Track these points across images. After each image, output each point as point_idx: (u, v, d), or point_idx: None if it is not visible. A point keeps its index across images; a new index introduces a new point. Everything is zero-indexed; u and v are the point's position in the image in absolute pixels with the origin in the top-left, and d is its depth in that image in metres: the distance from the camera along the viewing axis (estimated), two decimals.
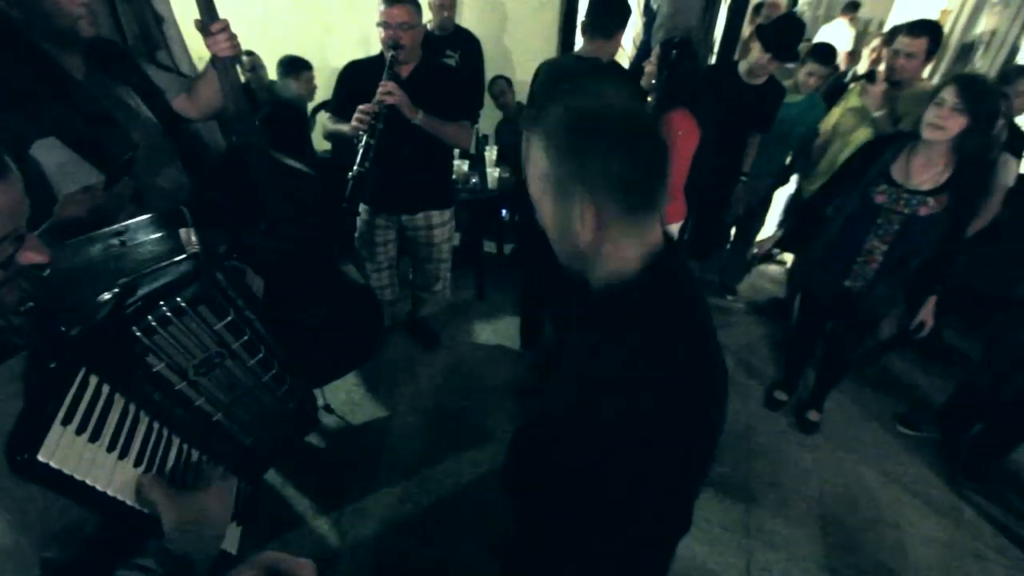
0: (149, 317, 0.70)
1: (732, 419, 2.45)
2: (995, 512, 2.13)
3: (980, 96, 1.59)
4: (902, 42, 2.21)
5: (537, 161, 0.70)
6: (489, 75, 3.26)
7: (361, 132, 1.79)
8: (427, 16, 3.05)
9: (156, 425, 0.77)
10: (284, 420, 1.05)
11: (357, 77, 1.98)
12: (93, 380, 0.67)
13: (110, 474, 0.67)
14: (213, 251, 0.84)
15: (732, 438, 2.36)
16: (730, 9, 2.62)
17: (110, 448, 0.68)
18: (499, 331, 2.92)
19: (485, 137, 3.24)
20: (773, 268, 3.72)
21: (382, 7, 1.80)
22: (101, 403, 0.68)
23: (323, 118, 3.28)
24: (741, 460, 2.27)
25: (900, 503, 2.14)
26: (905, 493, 2.18)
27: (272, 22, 3.62)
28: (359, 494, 2.01)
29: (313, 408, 1.18)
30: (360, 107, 1.80)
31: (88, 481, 0.63)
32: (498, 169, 2.89)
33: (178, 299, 0.72)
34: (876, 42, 2.81)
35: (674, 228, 2.36)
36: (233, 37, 1.30)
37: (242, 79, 3.24)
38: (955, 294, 2.06)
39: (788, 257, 3.20)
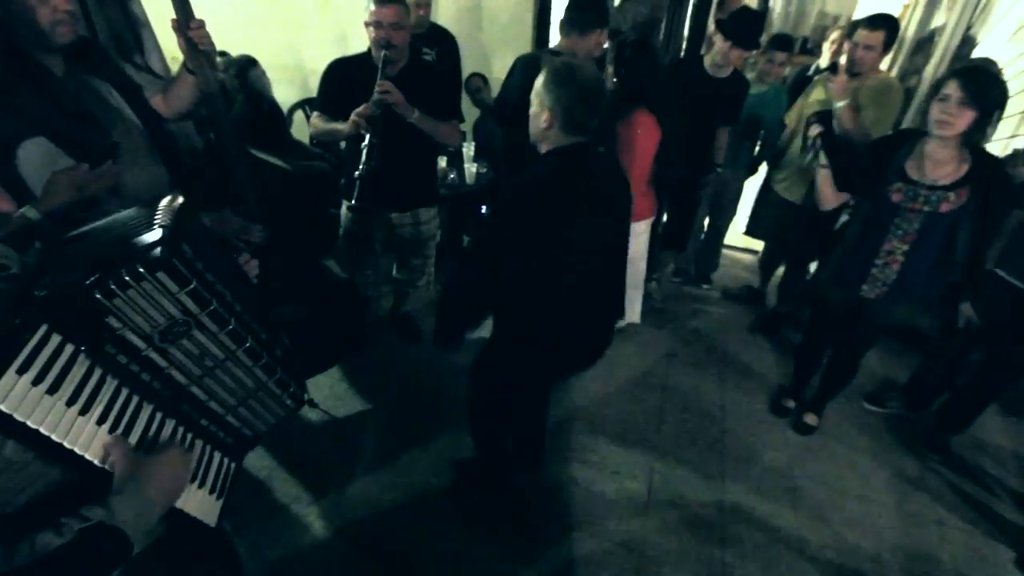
0: (109, 281, 0.74)
1: (706, 401, 2.54)
2: (956, 481, 2.24)
3: (984, 87, 1.57)
4: (861, 35, 2.31)
5: (536, 86, 1.36)
6: (465, 72, 3.30)
7: (364, 131, 1.82)
8: None
9: (125, 389, 0.82)
10: (268, 397, 1.08)
11: (343, 76, 2.00)
12: (56, 338, 0.72)
13: (69, 427, 0.72)
14: (186, 224, 0.88)
15: (705, 419, 2.44)
16: (695, 5, 2.70)
17: (70, 403, 0.73)
18: (481, 325, 2.96)
19: (463, 134, 3.28)
20: (746, 257, 3.83)
21: (372, 7, 1.82)
22: (63, 360, 0.73)
23: (301, 117, 3.29)
24: (716, 439, 2.35)
25: (867, 476, 2.24)
26: (872, 466, 2.28)
27: (244, 21, 3.61)
28: (343, 484, 2.04)
29: (301, 388, 1.21)
30: (360, 108, 1.81)
31: (42, 429, 0.68)
32: (476, 165, 2.93)
33: (137, 265, 0.75)
34: (836, 35, 2.92)
35: (643, 225, 2.43)
36: (208, 35, 1.33)
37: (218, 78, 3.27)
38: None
39: (759, 245, 3.29)
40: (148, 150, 1.40)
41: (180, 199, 0.94)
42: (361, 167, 1.85)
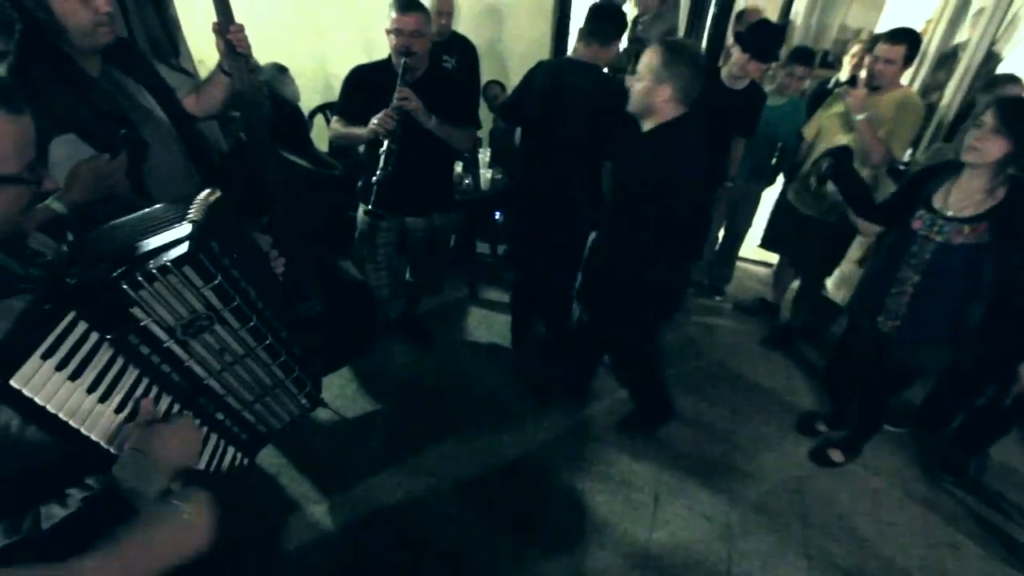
0: (136, 273, 0.76)
1: (716, 415, 2.52)
2: (972, 504, 2.19)
3: (1021, 117, 1.49)
4: (881, 48, 2.30)
5: (651, 60, 1.58)
6: (484, 80, 3.34)
7: (383, 137, 1.86)
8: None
9: (145, 379, 0.84)
10: (284, 395, 1.11)
11: (364, 82, 2.05)
12: (82, 325, 0.74)
13: (88, 413, 0.74)
14: (217, 219, 0.91)
15: (714, 433, 2.42)
16: (714, 16, 2.71)
17: (90, 389, 0.75)
18: (492, 330, 2.99)
19: (479, 140, 3.31)
20: (760, 270, 3.80)
21: (394, 15, 1.86)
22: (87, 348, 0.75)
23: (321, 121, 3.35)
24: (725, 453, 2.33)
25: (880, 496, 2.20)
26: (885, 486, 2.24)
27: (264, 27, 3.69)
28: (352, 483, 2.07)
29: (318, 388, 1.23)
30: (380, 114, 1.85)
31: (61, 415, 0.70)
32: (491, 171, 2.96)
33: (164, 258, 0.78)
34: (856, 48, 2.90)
35: None
36: (247, 38, 1.38)
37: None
38: None
39: (774, 258, 3.26)
40: (179, 151, 1.44)
41: (217, 194, 0.96)
42: (379, 172, 1.89)
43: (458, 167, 2.94)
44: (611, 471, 2.20)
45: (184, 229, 0.84)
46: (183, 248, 0.80)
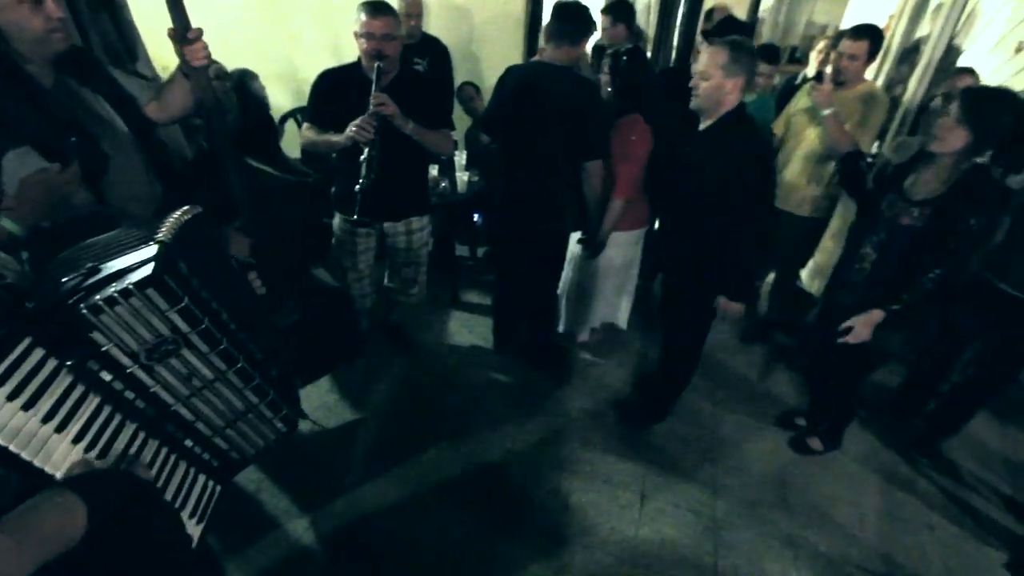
0: (97, 296, 0.73)
1: (698, 409, 2.55)
2: (947, 484, 2.26)
3: (982, 110, 1.53)
4: (845, 45, 2.35)
5: (717, 58, 1.67)
6: (457, 82, 3.32)
7: (363, 145, 1.82)
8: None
9: (107, 407, 0.80)
10: (258, 420, 1.07)
11: (333, 86, 1.99)
12: (39, 351, 0.70)
13: (42, 444, 0.70)
14: (189, 238, 0.87)
15: (697, 427, 2.45)
16: (684, 14, 2.74)
17: (46, 419, 0.71)
18: (474, 333, 2.97)
19: (455, 142, 3.29)
20: None
21: (364, 18, 1.82)
22: (44, 375, 0.71)
23: (293, 127, 3.30)
24: (708, 447, 2.35)
25: (858, 481, 2.24)
26: (863, 471, 2.29)
27: (237, 31, 3.62)
28: (334, 496, 2.03)
29: (296, 411, 1.19)
30: (358, 121, 1.81)
31: (11, 447, 0.66)
32: (468, 173, 2.94)
33: (127, 281, 0.75)
34: (822, 44, 2.96)
35: (635, 235, 2.45)
36: (206, 45, 1.33)
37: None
38: None
39: None
40: (140, 160, 1.40)
41: (193, 212, 0.93)
42: (362, 181, 1.85)
43: (434, 170, 2.92)
44: (596, 471, 2.21)
45: (151, 250, 0.81)
46: (147, 270, 0.77)
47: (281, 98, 3.31)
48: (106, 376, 0.79)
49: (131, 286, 0.75)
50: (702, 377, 2.73)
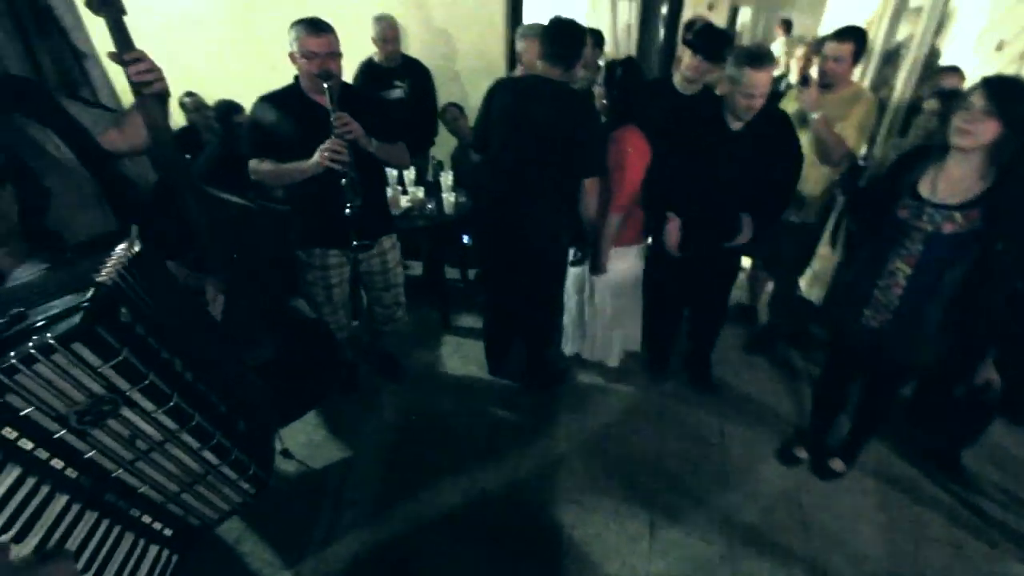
0: (10, 355, 0.62)
1: (706, 429, 2.43)
2: (971, 499, 2.14)
3: (1012, 97, 1.38)
4: (830, 47, 2.32)
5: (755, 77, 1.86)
6: (441, 103, 3.28)
7: (339, 169, 1.76)
8: (372, 50, 3.06)
9: (31, 479, 0.68)
10: (219, 482, 0.95)
11: (275, 112, 1.88)
12: None
13: None
14: (134, 278, 0.77)
15: (706, 448, 2.33)
16: (665, 25, 2.72)
17: None
18: (467, 358, 2.85)
19: (440, 163, 3.23)
20: None
21: (303, 37, 1.74)
22: None
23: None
24: (719, 469, 2.23)
25: (877, 498, 2.13)
26: (884, 489, 2.17)
27: (221, 63, 3.58)
28: (321, 543, 1.88)
29: (266, 470, 1.07)
30: (326, 145, 1.74)
31: None
32: (455, 194, 2.87)
33: (48, 335, 0.64)
34: (801, 51, 2.95)
35: (634, 250, 2.37)
36: (154, 67, 1.25)
37: (184, 119, 3.21)
38: None
39: (746, 262, 3.23)
40: (92, 193, 1.30)
41: (136, 247, 0.82)
42: (349, 207, 1.79)
43: (420, 192, 2.85)
44: (602, 501, 2.07)
45: (83, 296, 0.70)
46: (73, 321, 0.66)
47: None
48: (26, 444, 0.68)
49: (52, 341, 0.64)
50: (708, 393, 2.63)
